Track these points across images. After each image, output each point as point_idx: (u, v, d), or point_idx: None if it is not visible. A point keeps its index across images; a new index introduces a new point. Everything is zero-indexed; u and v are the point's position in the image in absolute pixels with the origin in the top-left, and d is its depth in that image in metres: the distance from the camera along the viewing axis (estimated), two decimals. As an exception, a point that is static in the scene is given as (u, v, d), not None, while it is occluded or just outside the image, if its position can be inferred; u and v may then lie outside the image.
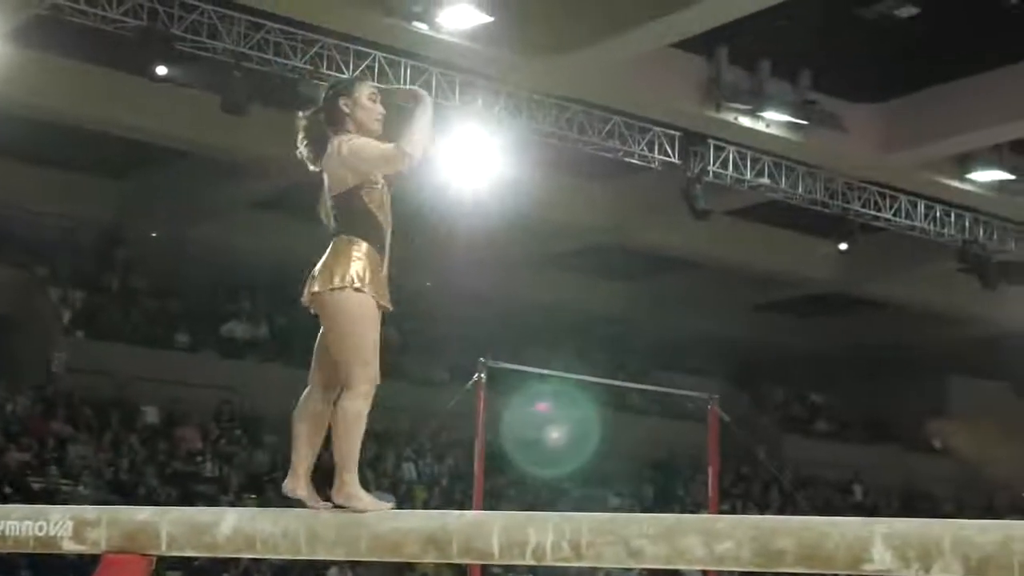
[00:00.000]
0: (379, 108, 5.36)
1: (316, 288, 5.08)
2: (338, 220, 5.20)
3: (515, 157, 17.73)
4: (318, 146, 5.30)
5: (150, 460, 18.59)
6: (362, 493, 4.91)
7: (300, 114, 5.37)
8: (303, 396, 5.29)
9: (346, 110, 5.27)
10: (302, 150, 5.33)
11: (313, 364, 5.26)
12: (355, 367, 5.03)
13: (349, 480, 4.96)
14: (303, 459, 5.22)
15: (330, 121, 5.29)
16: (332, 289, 5.04)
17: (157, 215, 22.30)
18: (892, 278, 24.66)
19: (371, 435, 21.15)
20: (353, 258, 5.09)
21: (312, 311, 5.18)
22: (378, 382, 5.13)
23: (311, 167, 5.36)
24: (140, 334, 21.40)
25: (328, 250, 5.20)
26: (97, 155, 20.80)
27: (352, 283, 5.03)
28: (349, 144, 5.18)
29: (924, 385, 29.51)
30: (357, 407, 5.01)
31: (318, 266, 5.16)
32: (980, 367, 29.41)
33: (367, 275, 5.08)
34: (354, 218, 5.17)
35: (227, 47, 15.00)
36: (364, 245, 5.13)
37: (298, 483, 5.16)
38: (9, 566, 15.62)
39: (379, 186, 5.22)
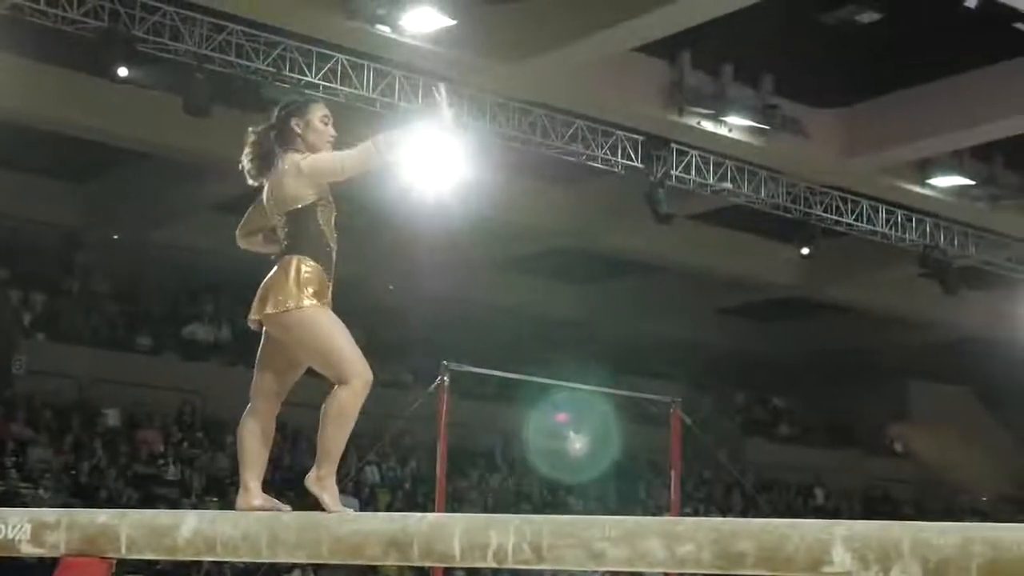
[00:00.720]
0: (330, 131, 5.38)
1: (270, 309, 5.14)
2: (288, 238, 5.22)
3: (478, 160, 17.71)
4: (263, 162, 5.33)
5: (112, 463, 18.47)
6: (335, 490, 5.06)
7: (250, 129, 5.38)
8: (247, 412, 5.40)
9: (298, 130, 5.31)
10: (246, 164, 5.36)
11: (256, 379, 5.33)
12: (343, 367, 5.18)
13: (328, 472, 5.13)
14: (254, 475, 5.30)
15: (280, 140, 5.32)
16: (289, 310, 5.12)
17: (119, 217, 22.18)
18: (853, 283, 24.80)
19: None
20: (303, 276, 5.15)
21: (262, 329, 5.27)
22: (370, 377, 5.28)
23: (251, 181, 5.39)
24: (101, 336, 21.31)
25: (276, 269, 5.23)
26: (58, 157, 20.65)
27: (299, 305, 5.13)
28: (310, 160, 5.22)
29: (885, 389, 29.68)
30: (352, 401, 5.19)
31: (266, 286, 5.21)
32: (941, 372, 29.64)
33: (316, 294, 5.17)
34: (306, 236, 5.21)
35: (189, 49, 14.93)
36: (312, 263, 5.19)
37: (252, 498, 5.20)
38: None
39: (331, 204, 5.30)
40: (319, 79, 15.61)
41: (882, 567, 3.49)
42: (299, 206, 5.21)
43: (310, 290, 5.13)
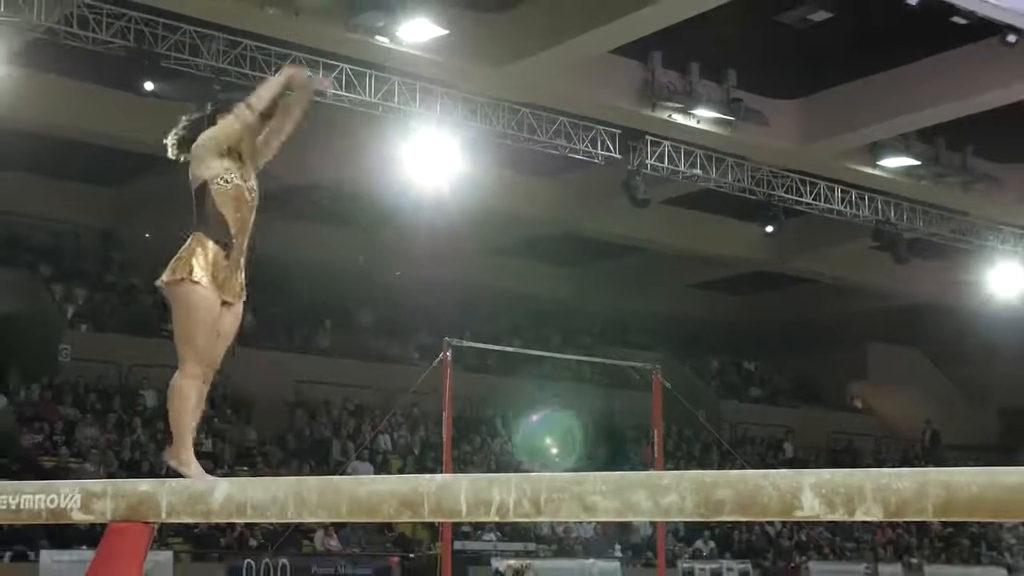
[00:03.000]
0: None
1: (164, 278, 5.06)
2: (195, 215, 5.14)
3: (472, 156, 17.72)
4: (183, 144, 5.24)
5: (151, 439, 18.50)
6: (191, 459, 4.96)
7: (183, 117, 5.28)
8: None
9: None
10: (169, 140, 5.27)
11: None
12: (184, 348, 5.04)
13: (179, 446, 5.00)
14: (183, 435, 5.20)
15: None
16: (171, 280, 5.02)
17: (149, 218, 22.16)
18: (814, 257, 24.85)
19: (348, 411, 21.17)
20: (196, 254, 5.02)
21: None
22: (215, 367, 5.15)
23: (169, 153, 5.30)
24: (138, 325, 21.29)
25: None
26: (93, 165, 20.68)
27: (189, 276, 4.98)
28: (200, 138, 5.13)
29: (845, 352, 29.79)
30: (180, 384, 5.02)
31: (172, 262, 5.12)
32: (895, 335, 29.73)
33: (207, 270, 5.01)
34: (204, 215, 5.09)
35: (207, 63, 14.90)
36: (208, 243, 5.05)
37: (185, 456, 5.11)
38: (27, 538, 15.61)
39: (228, 186, 5.11)
40: (326, 87, 15.58)
41: (847, 510, 3.51)
42: (196, 185, 5.12)
43: (196, 267, 4.99)
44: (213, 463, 16.15)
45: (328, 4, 14.43)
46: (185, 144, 5.23)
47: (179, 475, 5.01)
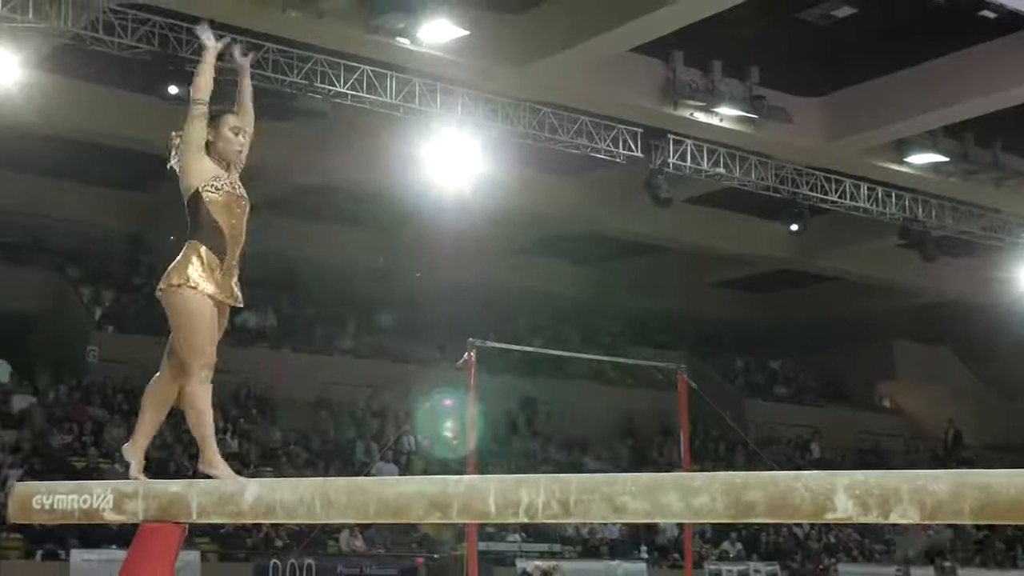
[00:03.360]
0: (240, 140, 5.40)
1: (161, 285, 5.20)
2: (189, 224, 5.27)
3: (493, 157, 17.72)
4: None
5: (177, 439, 18.57)
6: (220, 463, 5.08)
7: (173, 134, 5.37)
8: (153, 378, 5.46)
9: (210, 138, 5.33)
10: (172, 162, 5.37)
11: (165, 352, 5.37)
12: (188, 355, 5.17)
13: (209, 453, 5.13)
14: (144, 432, 5.48)
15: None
16: (168, 287, 5.15)
17: (176, 221, 22.22)
18: (839, 255, 24.71)
19: (372, 412, 21.12)
20: (191, 261, 5.15)
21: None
22: (212, 368, 5.23)
23: (169, 165, 5.41)
24: (164, 327, 21.35)
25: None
26: (120, 169, 20.83)
27: (186, 282, 5.11)
28: (185, 158, 5.27)
29: (872, 350, 29.62)
30: (198, 388, 5.15)
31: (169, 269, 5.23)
32: (923, 333, 29.54)
33: (202, 275, 5.13)
34: (197, 222, 5.22)
35: (230, 66, 14.91)
36: (202, 248, 5.17)
37: (135, 452, 5.41)
38: (58, 537, 15.76)
39: (218, 194, 5.23)
40: (347, 88, 15.62)
41: (881, 512, 3.47)
42: (188, 195, 5.25)
43: (192, 274, 5.13)
44: (239, 463, 16.23)
45: (349, 6, 14.44)
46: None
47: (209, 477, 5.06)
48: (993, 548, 24.89)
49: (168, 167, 5.38)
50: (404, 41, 14.97)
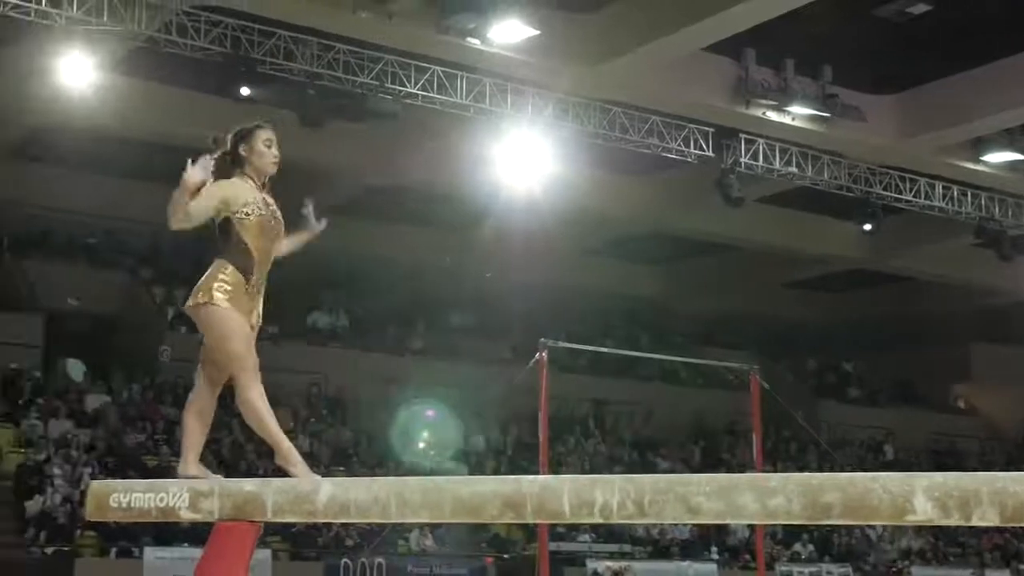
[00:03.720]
0: (274, 152, 5.41)
1: (189, 302, 5.24)
2: (219, 242, 5.31)
3: (563, 157, 17.71)
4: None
5: (249, 439, 18.76)
6: (297, 459, 5.11)
7: (207, 156, 5.39)
8: (192, 393, 5.45)
9: (244, 155, 5.38)
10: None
11: (199, 365, 5.38)
12: (230, 364, 5.20)
13: (283, 451, 5.16)
14: (192, 446, 5.42)
15: (234, 162, 5.39)
16: (198, 304, 5.18)
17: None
18: (914, 254, 24.39)
19: (442, 412, 20.77)
20: (218, 279, 5.19)
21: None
22: (256, 369, 5.25)
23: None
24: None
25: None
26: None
27: (210, 300, 5.16)
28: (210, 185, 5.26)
29: (947, 351, 29.19)
30: (250, 395, 5.18)
31: (197, 285, 5.27)
32: (999, 333, 29.07)
33: (229, 294, 5.17)
34: (228, 243, 5.26)
35: (302, 67, 15.08)
36: (229, 267, 5.21)
37: (188, 467, 5.36)
38: (132, 535, 15.98)
39: (251, 218, 5.26)
40: (417, 89, 15.69)
41: (962, 514, 3.42)
42: (220, 219, 5.28)
43: (221, 292, 5.16)
44: (310, 463, 16.31)
45: (420, 7, 14.51)
46: (216, 178, 5.37)
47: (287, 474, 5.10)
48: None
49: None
50: (475, 41, 15.01)
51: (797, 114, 17.55)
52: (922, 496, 3.47)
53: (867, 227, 20.18)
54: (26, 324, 20.04)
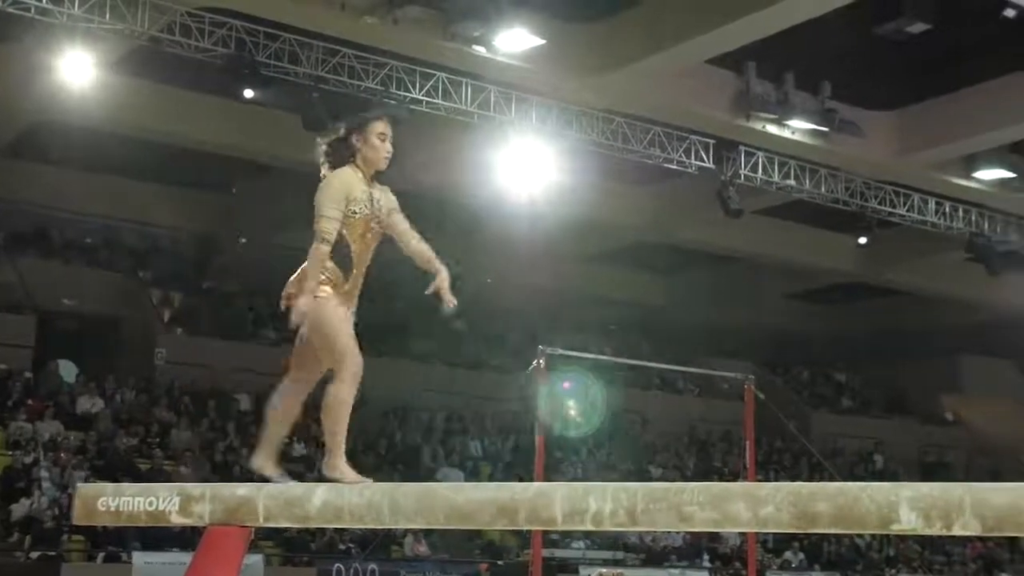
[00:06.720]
0: (387, 147, 5.27)
1: (287, 293, 5.15)
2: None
3: (566, 165, 17.72)
4: (330, 165, 5.29)
5: (243, 443, 18.71)
6: (346, 469, 4.92)
7: (319, 140, 5.32)
8: (280, 387, 5.31)
9: (357, 146, 5.24)
10: (323, 169, 5.29)
11: (293, 362, 5.26)
12: (333, 360, 5.05)
13: (336, 458, 4.97)
14: (272, 441, 5.27)
15: (345, 151, 5.26)
16: (300, 298, 5.05)
17: (247, 223, 22.42)
18: (907, 268, 24.49)
19: (439, 417, 20.95)
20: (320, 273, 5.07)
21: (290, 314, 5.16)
22: (360, 372, 5.08)
23: (322, 173, 5.34)
24: (232, 330, 21.52)
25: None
26: (191, 171, 20.96)
27: (318, 293, 5.04)
28: (323, 182, 5.19)
29: (937, 364, 29.28)
30: (342, 392, 5.01)
31: (293, 277, 5.18)
32: (988, 347, 29.15)
33: (332, 288, 5.09)
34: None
35: (307, 71, 15.06)
36: (330, 264, 5.12)
37: (265, 462, 5.21)
38: (120, 539, 15.69)
39: (356, 217, 5.17)
40: (422, 95, 15.67)
41: (944, 524, 3.47)
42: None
43: (327, 285, 5.08)
44: (305, 468, 16.27)
45: (426, 14, 14.52)
46: (330, 164, 5.27)
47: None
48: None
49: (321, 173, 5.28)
50: (480, 49, 15.03)
51: (796, 128, 17.58)
52: (907, 506, 3.52)
53: (862, 240, 20.24)
54: (18, 324, 19.56)
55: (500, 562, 18.41)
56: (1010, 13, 14.70)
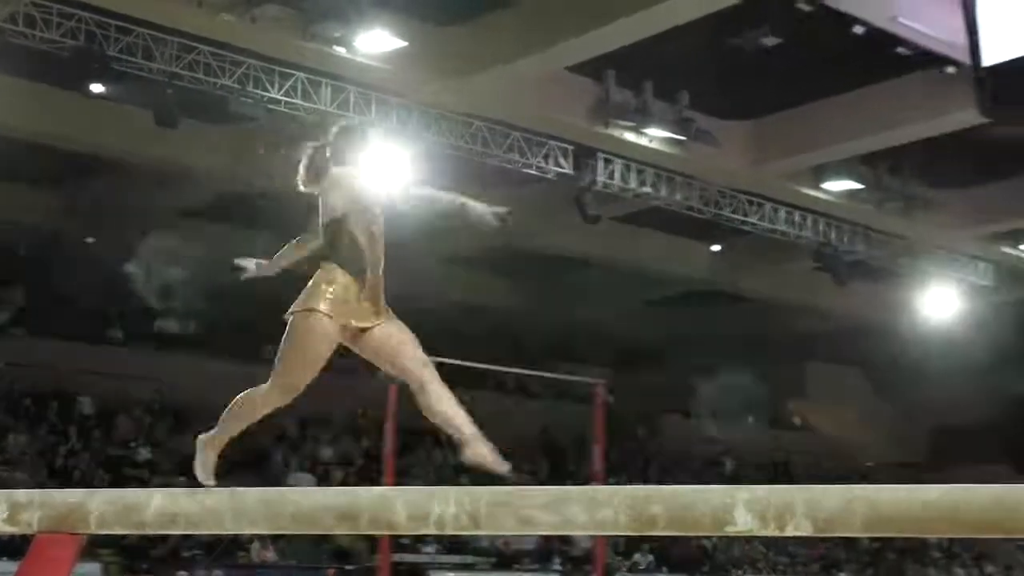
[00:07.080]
0: None
1: (294, 307, 5.03)
2: (327, 247, 5.11)
3: (424, 168, 17.68)
4: (315, 174, 5.25)
5: (86, 447, 18.23)
6: (199, 465, 5.18)
7: (307, 144, 5.27)
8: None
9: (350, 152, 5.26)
10: (301, 172, 5.25)
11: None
12: (278, 369, 5.13)
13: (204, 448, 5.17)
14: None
15: (334, 158, 5.23)
16: (293, 311, 5.00)
17: (94, 222, 21.85)
18: (758, 276, 25.01)
19: (296, 419, 20.72)
20: (320, 285, 5.00)
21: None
22: (293, 391, 5.13)
23: (301, 187, 5.27)
24: (77, 331, 20.95)
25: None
26: (37, 166, 20.34)
27: (312, 307, 4.96)
28: (351, 179, 5.18)
29: (785, 370, 29.98)
30: (257, 399, 5.19)
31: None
32: (834, 354, 30.00)
33: (332, 300, 4.98)
34: (339, 246, 5.08)
35: (160, 67, 14.78)
36: (338, 273, 5.03)
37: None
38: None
39: (371, 218, 5.14)
40: (281, 95, 15.52)
41: (778, 525, 3.55)
42: (335, 216, 5.10)
43: (319, 299, 4.96)
44: (150, 472, 15.93)
45: (284, 12, 14.36)
46: (315, 176, 5.21)
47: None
48: (885, 560, 25.44)
49: (299, 178, 5.22)
50: (340, 50, 14.93)
51: (654, 136, 17.85)
52: (743, 508, 3.58)
53: (716, 248, 20.63)
54: None
55: (349, 567, 18.29)
56: (859, 30, 15.26)
